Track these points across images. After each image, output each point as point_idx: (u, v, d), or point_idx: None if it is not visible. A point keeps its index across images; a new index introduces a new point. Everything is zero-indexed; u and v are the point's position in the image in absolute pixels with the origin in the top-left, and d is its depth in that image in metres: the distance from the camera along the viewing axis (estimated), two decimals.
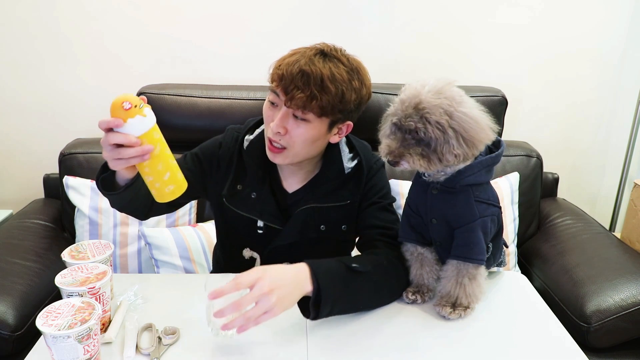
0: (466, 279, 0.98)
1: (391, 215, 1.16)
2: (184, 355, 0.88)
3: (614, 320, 1.27)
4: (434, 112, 0.87)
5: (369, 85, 1.07)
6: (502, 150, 0.98)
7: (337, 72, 0.99)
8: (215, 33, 1.84)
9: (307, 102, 0.97)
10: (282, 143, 1.03)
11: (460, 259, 0.98)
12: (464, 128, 0.88)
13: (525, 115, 2.02)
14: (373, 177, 1.16)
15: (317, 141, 1.06)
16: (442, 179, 0.96)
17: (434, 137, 0.87)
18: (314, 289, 0.90)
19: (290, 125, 1.02)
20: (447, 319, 0.99)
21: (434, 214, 1.00)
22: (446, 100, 0.88)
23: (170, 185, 0.90)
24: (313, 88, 0.97)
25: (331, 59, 1.01)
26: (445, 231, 1.00)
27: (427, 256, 1.05)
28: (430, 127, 0.87)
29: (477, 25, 1.90)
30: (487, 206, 0.99)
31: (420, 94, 0.89)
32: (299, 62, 0.99)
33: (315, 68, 0.98)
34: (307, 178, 1.15)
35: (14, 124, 1.92)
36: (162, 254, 1.55)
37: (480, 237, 0.98)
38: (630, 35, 1.94)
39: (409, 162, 0.91)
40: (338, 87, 0.99)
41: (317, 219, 1.14)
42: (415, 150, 0.90)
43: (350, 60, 1.03)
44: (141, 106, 0.85)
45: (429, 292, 1.05)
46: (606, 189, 2.16)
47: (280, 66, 1.00)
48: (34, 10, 1.79)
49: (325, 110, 0.99)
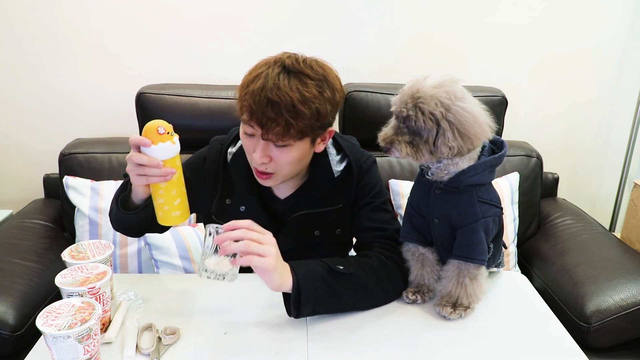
0: (467, 279, 0.99)
1: (385, 215, 1.14)
2: (184, 355, 0.88)
3: (614, 320, 1.27)
4: (429, 103, 0.88)
5: (340, 88, 1.00)
6: (505, 151, 0.98)
7: (306, 91, 0.93)
8: (215, 33, 1.84)
9: (285, 132, 0.93)
10: (269, 170, 1.02)
11: (462, 259, 0.98)
12: (460, 121, 0.88)
13: (525, 115, 2.02)
14: (364, 177, 1.14)
15: (304, 158, 1.04)
16: (445, 179, 0.96)
17: (426, 128, 0.88)
18: (294, 289, 0.92)
19: (274, 154, 0.99)
20: (447, 319, 0.99)
21: (436, 214, 1.00)
22: (445, 94, 0.88)
23: (178, 211, 0.97)
24: (286, 116, 0.91)
25: (296, 75, 0.94)
26: (447, 231, 1.00)
27: (428, 256, 1.05)
28: (422, 116, 0.88)
29: (477, 26, 1.90)
30: (490, 207, 0.99)
31: (421, 85, 0.90)
32: (264, 88, 0.92)
33: (283, 93, 0.91)
34: (297, 184, 1.14)
35: (14, 124, 1.92)
36: (162, 254, 1.55)
37: (483, 237, 0.98)
38: (630, 35, 1.94)
39: (398, 148, 0.92)
40: (312, 107, 0.93)
41: (311, 224, 1.13)
42: (404, 138, 0.91)
43: (315, 69, 0.96)
44: (172, 133, 0.92)
45: (429, 292, 1.05)
46: (606, 189, 2.17)
47: (246, 96, 0.94)
48: (33, 10, 1.79)
49: (304, 133, 0.96)
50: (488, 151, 0.97)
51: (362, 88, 1.71)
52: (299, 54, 0.98)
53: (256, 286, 1.10)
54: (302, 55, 0.98)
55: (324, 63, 0.99)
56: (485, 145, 0.97)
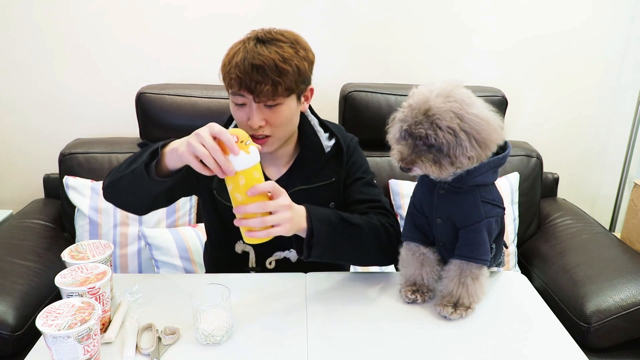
0: (469, 279, 0.98)
1: (375, 189, 1.22)
2: (184, 355, 0.88)
3: (614, 320, 1.27)
4: (445, 117, 0.87)
5: (310, 49, 1.11)
6: (509, 152, 0.98)
7: (284, 52, 1.03)
8: (215, 33, 1.84)
9: (274, 91, 1.02)
10: (265, 133, 1.08)
11: (465, 259, 0.98)
12: (476, 130, 0.87)
13: (525, 115, 2.02)
14: (353, 154, 1.22)
15: (294, 117, 1.12)
16: (450, 179, 0.96)
17: (446, 142, 0.87)
18: (308, 228, 0.99)
19: (268, 115, 1.06)
20: (447, 319, 0.99)
21: (439, 214, 1.00)
22: (456, 104, 0.87)
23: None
24: (272, 76, 1.01)
25: (271, 42, 1.04)
26: (450, 231, 1.00)
27: (429, 256, 1.05)
28: (441, 132, 0.87)
29: (477, 25, 1.90)
30: (493, 207, 0.99)
31: (429, 99, 0.88)
32: (245, 58, 1.02)
33: (264, 58, 1.01)
34: (288, 163, 1.19)
35: (14, 124, 1.92)
36: (162, 255, 1.55)
37: (486, 237, 0.98)
38: (631, 35, 1.94)
39: (422, 168, 0.91)
40: (292, 64, 1.04)
41: (305, 200, 1.14)
42: (427, 157, 0.90)
43: (286, 35, 1.07)
44: (247, 142, 0.88)
45: (428, 292, 1.05)
46: (606, 189, 2.16)
47: (230, 70, 1.04)
48: (33, 11, 1.79)
49: (291, 89, 1.05)
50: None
51: (362, 88, 1.71)
52: (267, 27, 1.09)
53: (256, 286, 1.10)
54: (271, 27, 1.09)
55: (292, 31, 1.10)
56: None
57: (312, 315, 1.00)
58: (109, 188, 1.07)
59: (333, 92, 1.82)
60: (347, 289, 1.10)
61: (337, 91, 1.78)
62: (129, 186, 1.01)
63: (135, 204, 1.11)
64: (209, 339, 0.90)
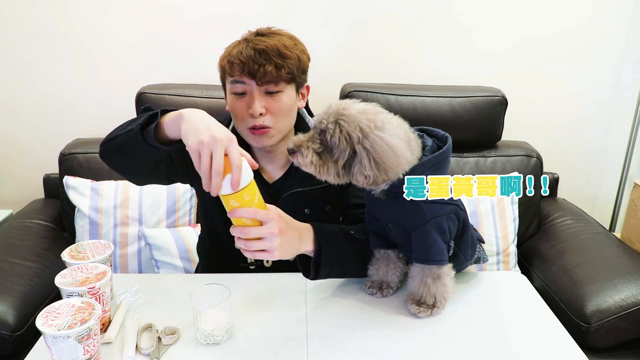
0: (429, 279, 0.99)
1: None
2: (184, 355, 0.89)
3: (614, 320, 1.27)
4: (350, 124, 0.87)
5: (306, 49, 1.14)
6: (449, 147, 0.95)
7: (284, 41, 1.06)
8: (215, 33, 1.83)
9: (278, 72, 1.03)
10: (265, 122, 1.07)
11: (420, 262, 0.99)
12: (376, 150, 0.87)
13: (525, 115, 2.02)
14: None
15: (292, 109, 1.12)
16: (386, 187, 0.93)
17: (339, 147, 0.88)
18: (316, 250, 0.98)
19: (269, 102, 1.07)
20: (418, 317, 1.00)
21: (388, 219, 1.00)
22: (367, 122, 0.88)
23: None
24: (275, 59, 1.03)
25: (270, 35, 1.07)
26: (403, 234, 1.00)
27: (391, 256, 1.06)
28: (339, 134, 0.87)
29: (477, 25, 1.90)
30: (441, 205, 0.96)
31: (349, 107, 0.90)
32: (248, 45, 1.04)
33: (267, 43, 1.04)
34: (285, 165, 1.18)
35: (14, 124, 1.92)
36: (162, 255, 1.55)
37: (436, 237, 0.97)
38: (631, 35, 1.94)
39: (304, 154, 0.90)
40: (293, 52, 1.06)
41: (302, 203, 1.15)
42: (314, 146, 0.90)
43: (283, 32, 1.11)
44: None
45: (388, 289, 1.07)
46: (606, 189, 2.16)
47: (232, 58, 1.05)
48: (33, 11, 1.79)
49: (293, 75, 1.06)
50: (431, 149, 0.95)
51: (362, 88, 1.71)
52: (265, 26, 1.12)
53: (256, 286, 1.10)
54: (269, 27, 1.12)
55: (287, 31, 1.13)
56: (427, 144, 0.95)
57: (312, 315, 1.00)
58: (105, 144, 1.04)
59: (333, 92, 1.82)
60: (346, 289, 1.10)
61: (337, 91, 1.78)
62: (122, 145, 0.98)
63: (129, 165, 1.06)
64: (208, 339, 0.90)
